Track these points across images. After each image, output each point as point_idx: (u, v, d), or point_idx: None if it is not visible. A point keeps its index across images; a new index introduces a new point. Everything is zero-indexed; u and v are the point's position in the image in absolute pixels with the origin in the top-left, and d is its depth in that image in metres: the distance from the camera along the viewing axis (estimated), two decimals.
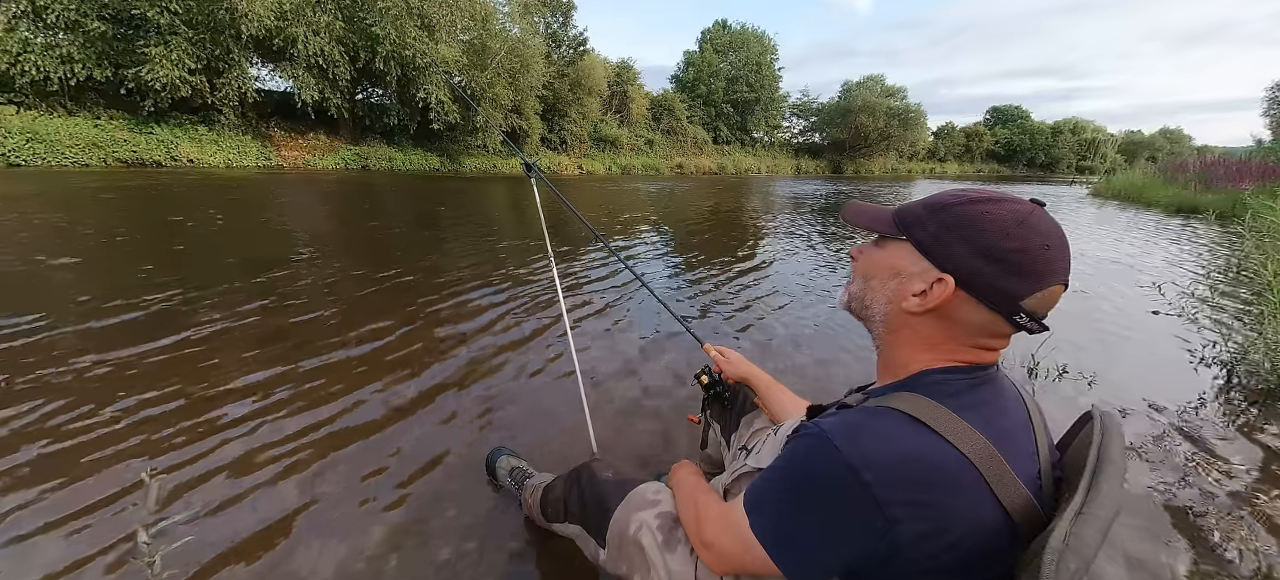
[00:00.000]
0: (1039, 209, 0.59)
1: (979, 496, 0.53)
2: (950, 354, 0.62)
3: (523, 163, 1.83)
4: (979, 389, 0.60)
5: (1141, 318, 3.58)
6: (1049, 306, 0.58)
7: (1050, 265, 0.56)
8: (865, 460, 0.54)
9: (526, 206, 8.50)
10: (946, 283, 0.59)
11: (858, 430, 0.57)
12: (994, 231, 0.57)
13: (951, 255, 0.59)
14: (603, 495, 1.01)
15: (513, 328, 2.87)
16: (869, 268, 0.69)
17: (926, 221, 0.62)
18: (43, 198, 6.51)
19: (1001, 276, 0.56)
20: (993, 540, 0.54)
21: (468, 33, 16.20)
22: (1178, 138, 59.18)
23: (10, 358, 2.19)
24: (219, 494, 1.48)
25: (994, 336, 0.60)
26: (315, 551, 1.30)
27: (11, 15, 10.53)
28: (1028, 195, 0.62)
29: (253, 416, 1.87)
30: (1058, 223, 0.59)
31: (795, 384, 2.32)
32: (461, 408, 2.01)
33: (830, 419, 0.61)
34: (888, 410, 0.58)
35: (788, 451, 0.64)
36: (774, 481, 0.64)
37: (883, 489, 0.52)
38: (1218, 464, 1.83)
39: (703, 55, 31.41)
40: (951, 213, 0.60)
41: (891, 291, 0.65)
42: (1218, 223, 8.80)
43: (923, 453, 0.54)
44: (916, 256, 0.62)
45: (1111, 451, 0.58)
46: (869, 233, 0.70)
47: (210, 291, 3.19)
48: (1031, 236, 0.56)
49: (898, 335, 0.65)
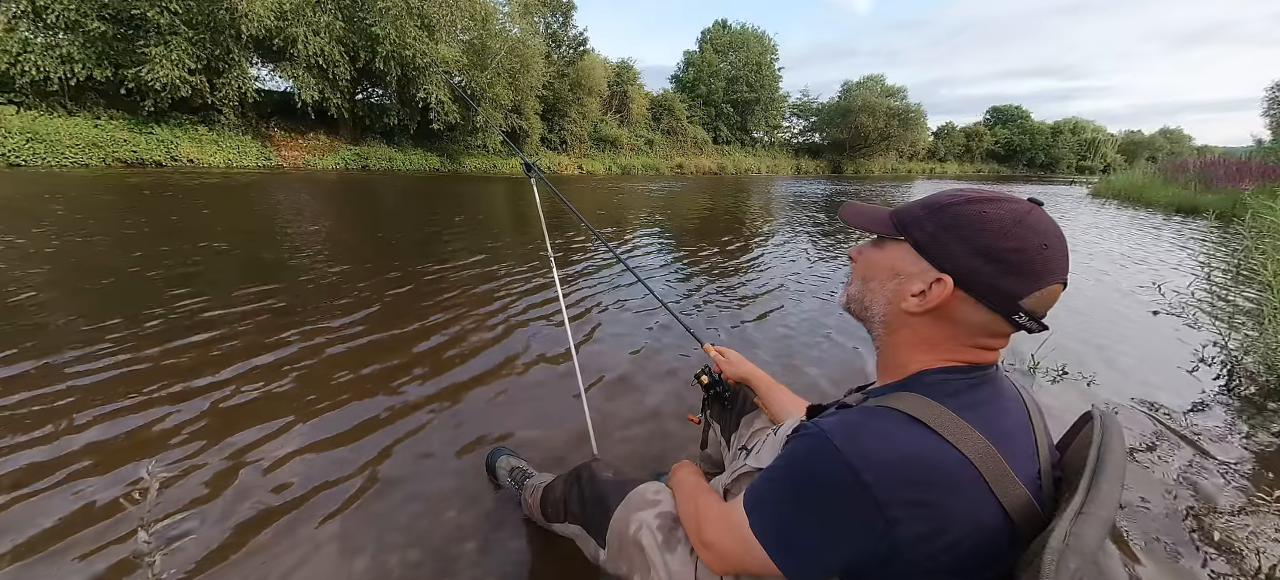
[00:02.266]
0: (1037, 208, 0.58)
1: (979, 497, 0.53)
2: (950, 354, 0.62)
3: (523, 163, 1.84)
4: (979, 389, 0.60)
5: (1141, 318, 3.58)
6: (1048, 305, 0.58)
7: (1048, 264, 0.56)
8: (865, 460, 0.54)
9: (526, 206, 8.50)
10: (945, 283, 0.58)
11: (857, 430, 0.57)
12: (992, 231, 0.57)
13: (950, 255, 0.59)
14: (603, 495, 1.01)
15: (513, 328, 2.87)
16: (868, 269, 0.69)
17: (924, 221, 0.62)
18: (42, 198, 6.51)
19: (1000, 276, 0.56)
20: (992, 540, 0.54)
21: (468, 33, 16.21)
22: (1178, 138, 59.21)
23: (11, 356, 2.19)
24: (218, 494, 1.48)
25: (993, 336, 0.60)
26: (315, 551, 1.30)
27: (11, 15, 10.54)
28: (1026, 195, 0.62)
29: (252, 417, 1.87)
30: (1055, 222, 0.58)
31: (794, 384, 2.32)
32: (461, 408, 2.00)
33: (830, 419, 0.61)
34: (887, 410, 0.58)
35: (788, 451, 0.64)
36: (774, 482, 0.64)
37: (883, 489, 0.52)
38: (1218, 464, 1.83)
39: (703, 55, 31.41)
40: (949, 213, 0.60)
41: (890, 292, 0.65)
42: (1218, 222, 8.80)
43: (922, 453, 0.54)
44: (915, 257, 0.62)
45: (1112, 451, 0.58)
46: (867, 233, 0.69)
47: (209, 292, 3.19)
48: (1030, 236, 0.56)
49: (897, 335, 0.65)
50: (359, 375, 2.21)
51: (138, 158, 11.54)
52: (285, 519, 1.40)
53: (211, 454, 1.65)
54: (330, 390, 2.07)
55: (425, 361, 2.38)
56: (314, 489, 1.52)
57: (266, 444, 1.72)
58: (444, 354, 2.48)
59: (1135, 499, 1.62)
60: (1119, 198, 14.40)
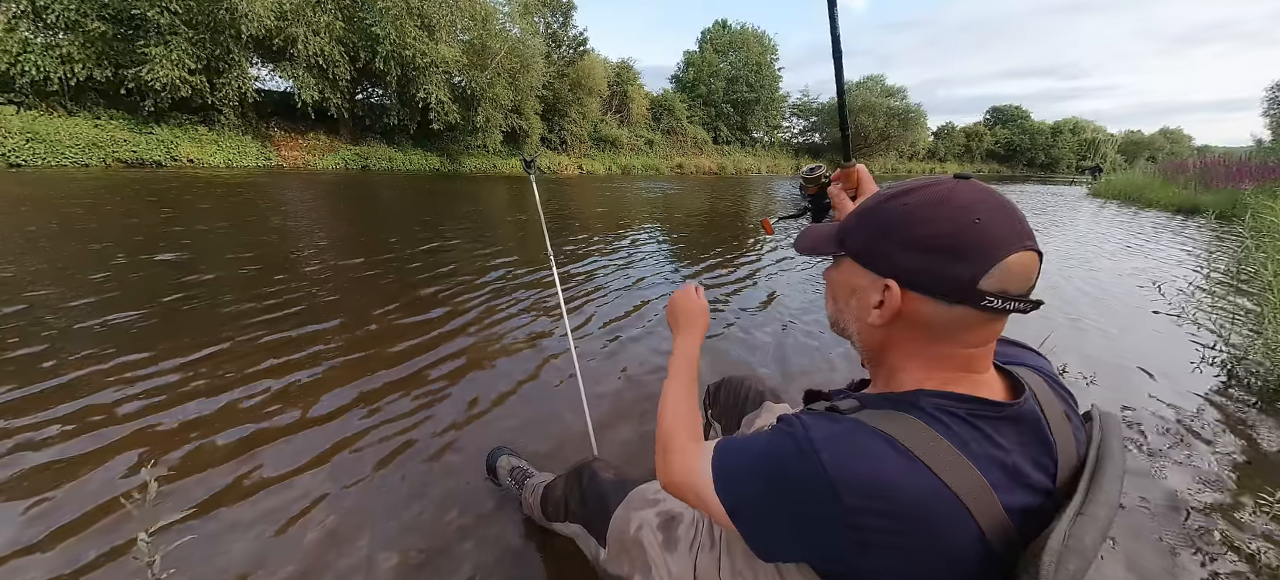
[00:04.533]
0: (962, 183, 0.55)
1: (963, 535, 0.51)
2: (939, 368, 0.58)
3: (522, 161, 1.84)
4: (986, 422, 0.55)
5: (1142, 317, 3.58)
6: (1022, 280, 0.53)
7: (989, 237, 0.52)
8: (849, 485, 0.51)
9: (526, 206, 8.50)
10: (892, 288, 0.56)
11: (846, 449, 0.53)
12: (917, 221, 0.54)
13: (886, 258, 0.57)
14: (603, 494, 1.01)
15: (513, 327, 2.87)
16: (833, 289, 0.67)
17: (857, 230, 0.61)
18: (40, 198, 6.51)
19: (944, 265, 0.53)
20: (974, 572, 0.52)
21: (468, 33, 16.20)
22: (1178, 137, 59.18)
23: (10, 357, 2.19)
24: (218, 494, 1.48)
25: (973, 330, 0.55)
26: (315, 551, 1.30)
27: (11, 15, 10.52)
28: (952, 173, 0.59)
29: (252, 417, 1.87)
30: (990, 191, 0.55)
31: (793, 374, 2.32)
32: (462, 407, 2.01)
33: (821, 427, 0.56)
34: (880, 434, 0.54)
35: (771, 444, 0.59)
36: (750, 468, 0.61)
37: (863, 515, 0.50)
38: (1218, 463, 1.83)
39: (703, 55, 31.38)
40: (875, 216, 0.59)
41: (856, 310, 0.62)
42: (1218, 222, 8.80)
43: (910, 489, 0.50)
44: (861, 269, 0.60)
45: (1111, 451, 0.58)
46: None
47: (209, 292, 3.20)
48: (957, 215, 0.53)
49: (879, 351, 0.63)
50: (359, 375, 2.21)
51: (138, 158, 11.52)
52: (285, 519, 1.40)
53: (211, 454, 1.65)
54: (330, 390, 2.08)
55: (425, 361, 2.38)
56: (314, 489, 1.52)
57: (266, 444, 1.72)
58: (444, 354, 2.48)
59: (1135, 499, 1.62)
60: (1119, 197, 14.40)
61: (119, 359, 2.23)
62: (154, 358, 2.27)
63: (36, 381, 2.01)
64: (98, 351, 2.29)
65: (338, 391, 2.07)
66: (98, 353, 2.28)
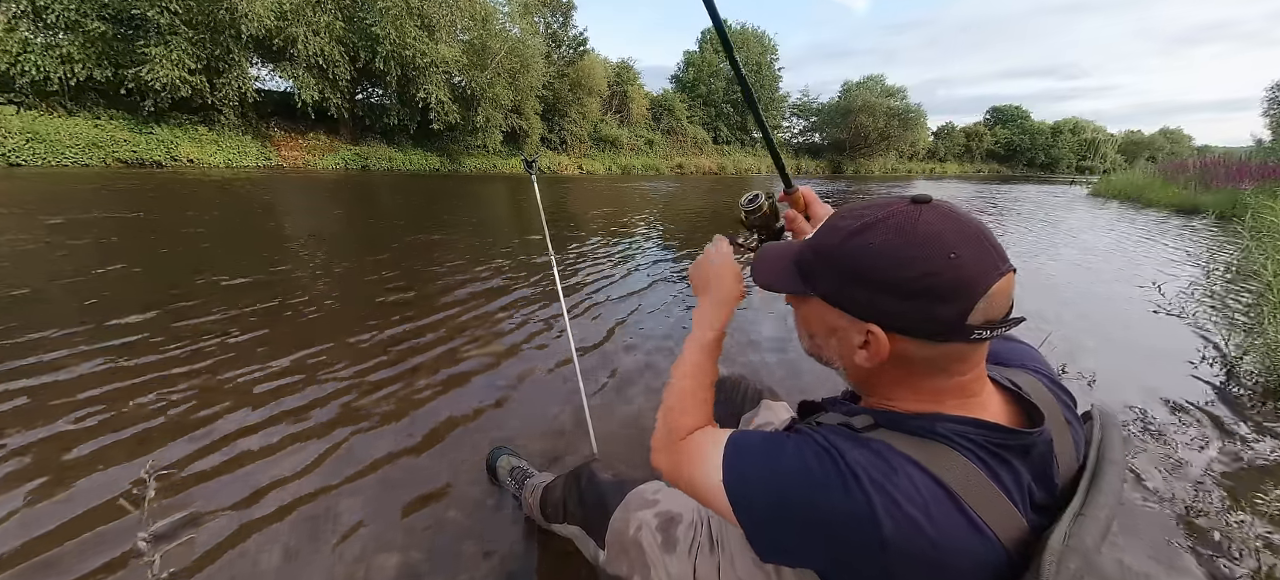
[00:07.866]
0: (924, 210, 0.51)
1: (993, 565, 0.50)
2: (937, 395, 0.55)
3: (523, 161, 1.85)
4: (1015, 452, 0.53)
5: (1142, 317, 3.58)
6: (1003, 304, 0.51)
7: (968, 272, 0.48)
8: (898, 529, 0.48)
9: (526, 206, 8.50)
10: (876, 333, 0.53)
11: (889, 483, 0.50)
12: (886, 264, 0.51)
13: (861, 304, 0.53)
14: (602, 495, 1.01)
15: (513, 327, 2.87)
16: (806, 325, 0.62)
17: (821, 272, 0.56)
18: (37, 199, 6.50)
19: (927, 309, 0.50)
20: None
21: (468, 33, 16.22)
22: (1178, 137, 59.22)
23: (10, 356, 2.19)
24: (218, 495, 1.48)
25: (965, 360, 0.53)
26: (314, 551, 1.30)
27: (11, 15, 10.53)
28: (915, 192, 0.55)
29: (252, 417, 1.87)
30: (956, 212, 0.51)
31: (791, 376, 2.32)
32: (462, 407, 2.00)
33: (852, 450, 0.53)
34: (915, 464, 0.51)
35: (804, 461, 0.54)
36: (772, 479, 0.56)
37: (903, 557, 0.48)
38: (1218, 463, 1.83)
39: (703, 55, 31.38)
40: (838, 259, 0.54)
41: (837, 349, 0.58)
42: (1218, 222, 8.80)
43: (950, 529, 0.49)
44: (835, 310, 0.56)
45: (1112, 451, 0.58)
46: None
47: (210, 292, 3.19)
48: (930, 254, 0.49)
49: (869, 382, 0.59)
50: (359, 375, 2.21)
51: (138, 158, 11.52)
52: (285, 519, 1.40)
53: (211, 454, 1.65)
54: (329, 390, 2.07)
55: (425, 361, 2.38)
56: (313, 488, 1.52)
57: (266, 444, 1.71)
58: (444, 353, 2.48)
59: (1135, 499, 1.62)
60: (1119, 197, 14.40)
61: (119, 360, 2.23)
62: (154, 358, 2.26)
63: (36, 381, 2.01)
64: (97, 351, 2.29)
65: (337, 391, 2.07)
66: (98, 352, 2.28)
